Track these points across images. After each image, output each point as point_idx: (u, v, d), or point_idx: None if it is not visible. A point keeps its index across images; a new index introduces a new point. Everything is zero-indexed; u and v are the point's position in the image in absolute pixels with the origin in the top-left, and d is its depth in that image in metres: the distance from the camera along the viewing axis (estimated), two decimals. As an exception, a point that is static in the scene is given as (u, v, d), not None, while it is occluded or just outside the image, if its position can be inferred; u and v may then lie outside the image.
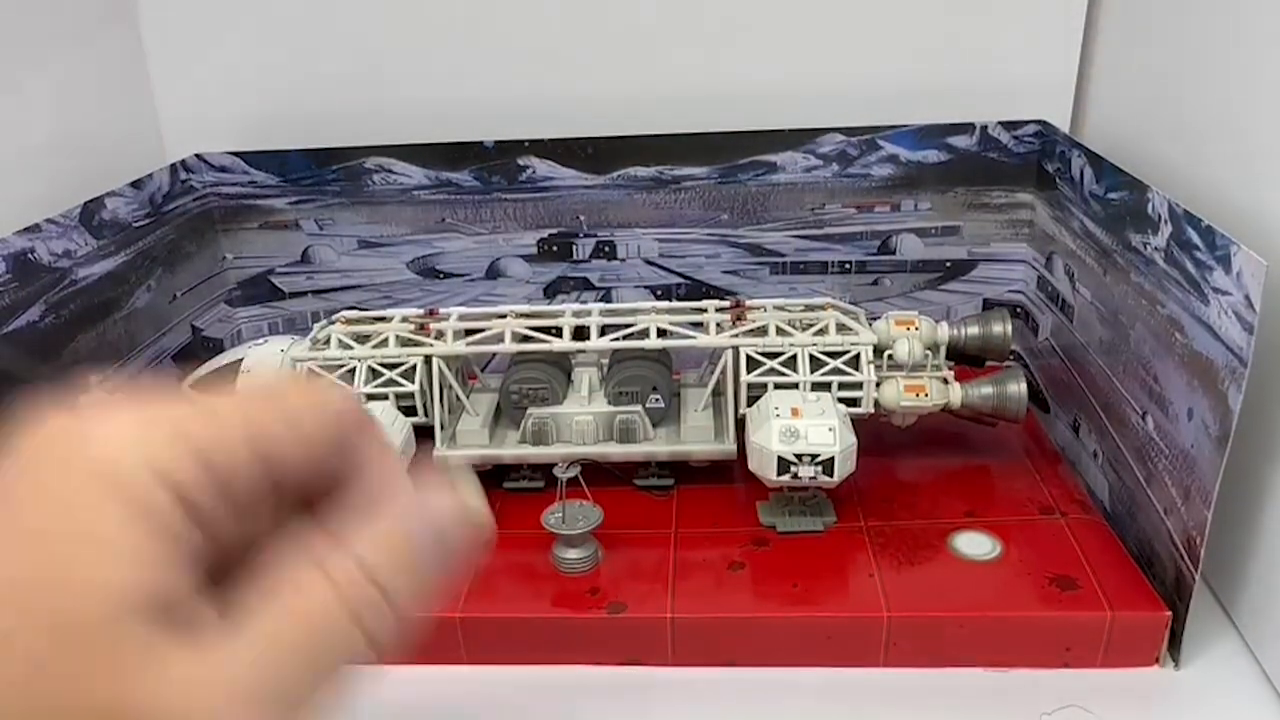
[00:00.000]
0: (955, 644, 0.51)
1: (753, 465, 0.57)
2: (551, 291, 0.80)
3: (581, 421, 0.62)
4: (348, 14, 0.76)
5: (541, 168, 0.76)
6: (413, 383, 0.61)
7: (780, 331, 0.61)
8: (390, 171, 0.77)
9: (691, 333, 0.61)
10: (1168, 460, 0.52)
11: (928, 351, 0.61)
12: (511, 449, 0.63)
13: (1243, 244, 0.45)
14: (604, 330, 0.62)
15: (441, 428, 0.62)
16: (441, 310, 0.65)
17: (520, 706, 0.51)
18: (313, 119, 0.78)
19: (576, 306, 0.64)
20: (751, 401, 0.59)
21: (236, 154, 0.77)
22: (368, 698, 0.53)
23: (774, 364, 0.60)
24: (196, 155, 0.77)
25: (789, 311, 0.63)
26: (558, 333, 0.62)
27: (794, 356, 0.60)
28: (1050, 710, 0.48)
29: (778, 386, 0.59)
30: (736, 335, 0.61)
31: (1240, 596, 0.53)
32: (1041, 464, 0.65)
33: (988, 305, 0.78)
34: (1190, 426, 0.49)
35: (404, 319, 0.65)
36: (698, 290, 0.79)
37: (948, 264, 0.78)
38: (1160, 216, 0.53)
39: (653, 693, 0.51)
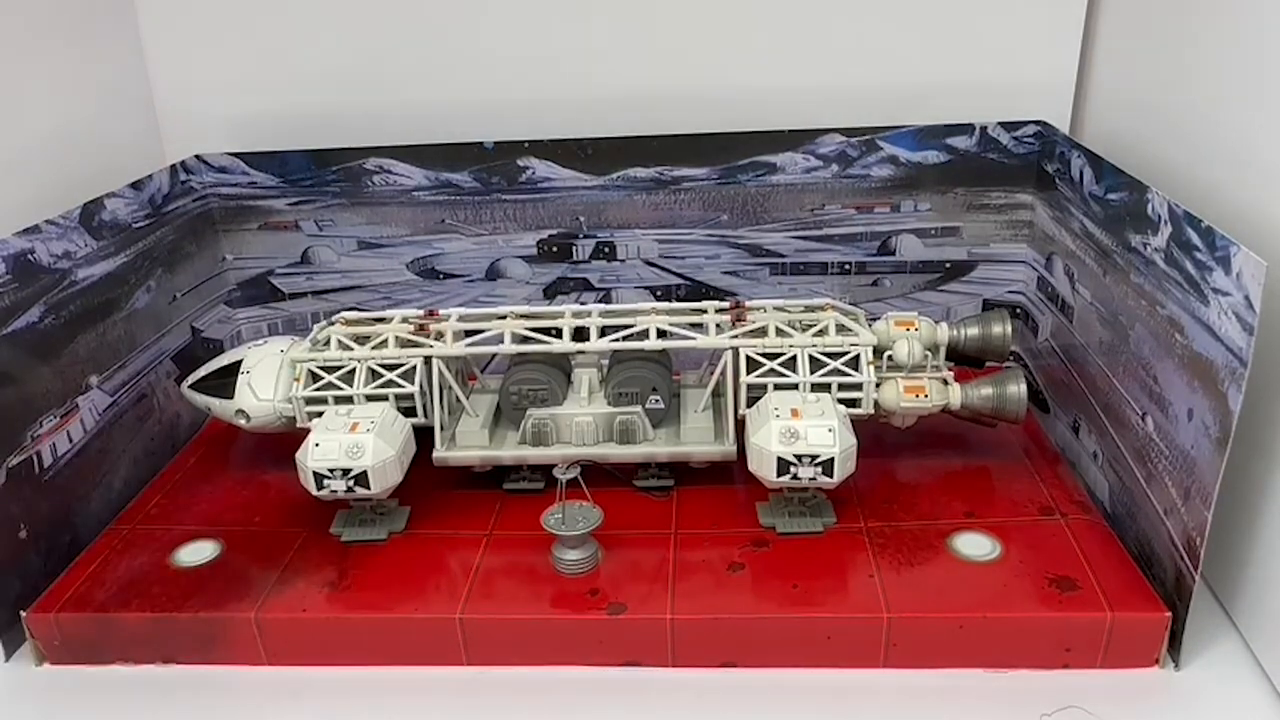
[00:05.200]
0: (955, 645, 0.51)
1: (752, 466, 0.57)
2: (551, 292, 0.80)
3: (581, 422, 0.62)
4: (348, 15, 0.76)
5: (541, 169, 0.76)
6: (412, 384, 0.61)
7: (780, 332, 0.61)
8: (390, 172, 0.77)
9: (691, 334, 0.61)
10: (1168, 461, 0.52)
11: (927, 352, 0.61)
12: (511, 450, 0.63)
13: (1242, 245, 0.45)
14: (604, 331, 0.62)
15: (441, 429, 0.62)
16: (441, 311, 0.65)
17: (520, 707, 0.51)
18: (313, 119, 0.78)
19: (576, 307, 0.64)
20: (751, 402, 0.59)
21: (236, 155, 0.77)
22: (369, 699, 0.53)
23: (774, 365, 0.59)
24: (196, 156, 0.77)
25: (789, 312, 0.63)
26: (557, 334, 0.62)
27: (794, 357, 0.60)
28: (1050, 711, 0.48)
29: (777, 387, 0.59)
30: (736, 336, 0.61)
31: (1240, 596, 0.53)
32: (1041, 465, 0.65)
33: (987, 306, 0.78)
34: (1190, 427, 0.49)
35: (404, 320, 0.65)
36: (697, 291, 0.79)
37: (947, 265, 0.78)
38: (1160, 217, 0.53)
39: (652, 694, 0.51)
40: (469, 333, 0.63)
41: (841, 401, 0.59)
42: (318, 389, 0.61)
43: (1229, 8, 0.56)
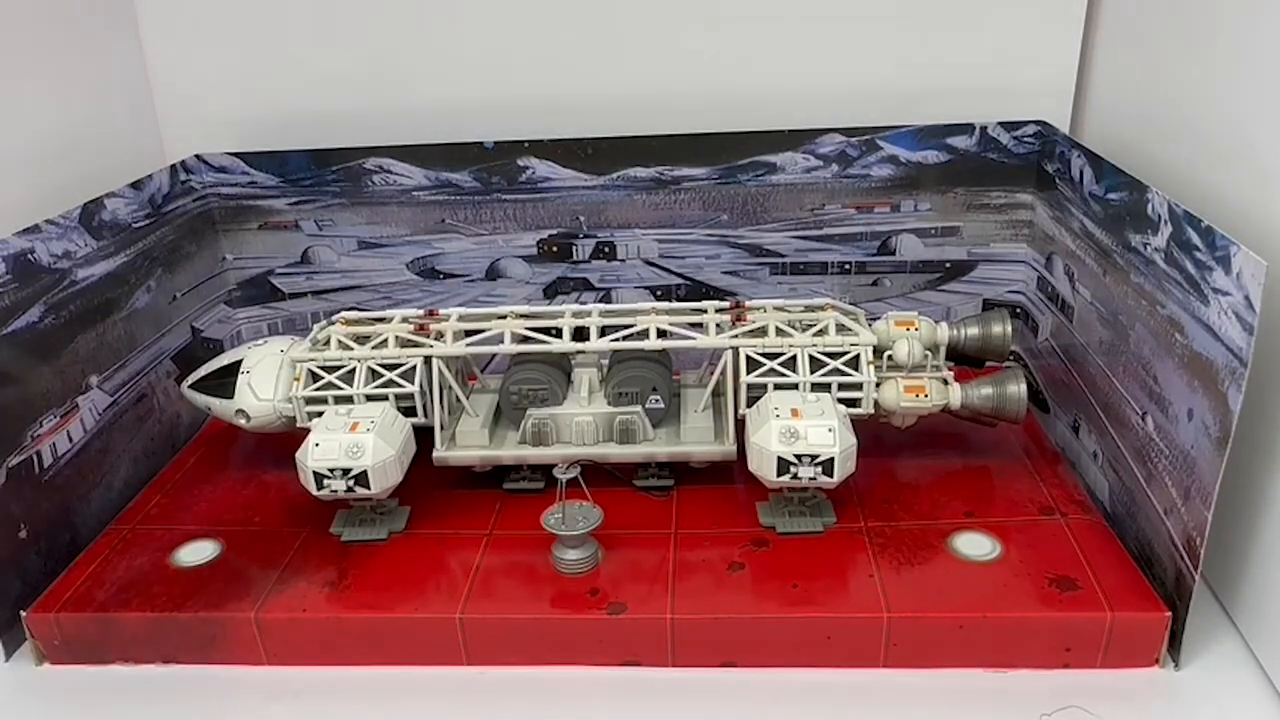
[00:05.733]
0: (955, 644, 0.51)
1: (752, 466, 0.57)
2: (551, 292, 0.80)
3: (581, 422, 0.62)
4: (348, 15, 0.76)
5: (541, 168, 0.76)
6: (413, 383, 0.61)
7: (780, 332, 0.61)
8: (390, 172, 0.77)
9: (691, 333, 0.61)
10: (1168, 461, 0.52)
11: (927, 352, 0.61)
12: (511, 450, 0.63)
13: (1242, 244, 0.45)
14: (604, 331, 0.62)
15: (441, 428, 0.62)
16: (441, 311, 0.65)
17: (520, 707, 0.51)
18: (313, 119, 0.78)
19: (576, 307, 0.64)
20: (751, 402, 0.59)
21: (236, 154, 0.77)
22: (369, 699, 0.53)
23: (774, 365, 0.59)
24: (196, 156, 0.77)
25: (789, 312, 0.63)
26: (557, 333, 0.62)
27: (794, 357, 0.60)
28: (1050, 710, 0.48)
29: (777, 387, 0.59)
30: (736, 336, 0.61)
31: (1240, 596, 0.53)
32: (1041, 464, 0.65)
33: (987, 306, 0.78)
34: (1190, 427, 0.49)
35: (404, 320, 0.65)
36: (697, 291, 0.79)
37: (947, 264, 0.78)
38: (1160, 217, 0.53)
39: (652, 694, 0.51)
40: (469, 332, 0.63)
41: (841, 401, 0.59)
42: (318, 389, 0.61)
43: (1228, 9, 0.56)
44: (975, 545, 0.56)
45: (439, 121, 0.77)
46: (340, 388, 0.61)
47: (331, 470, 0.56)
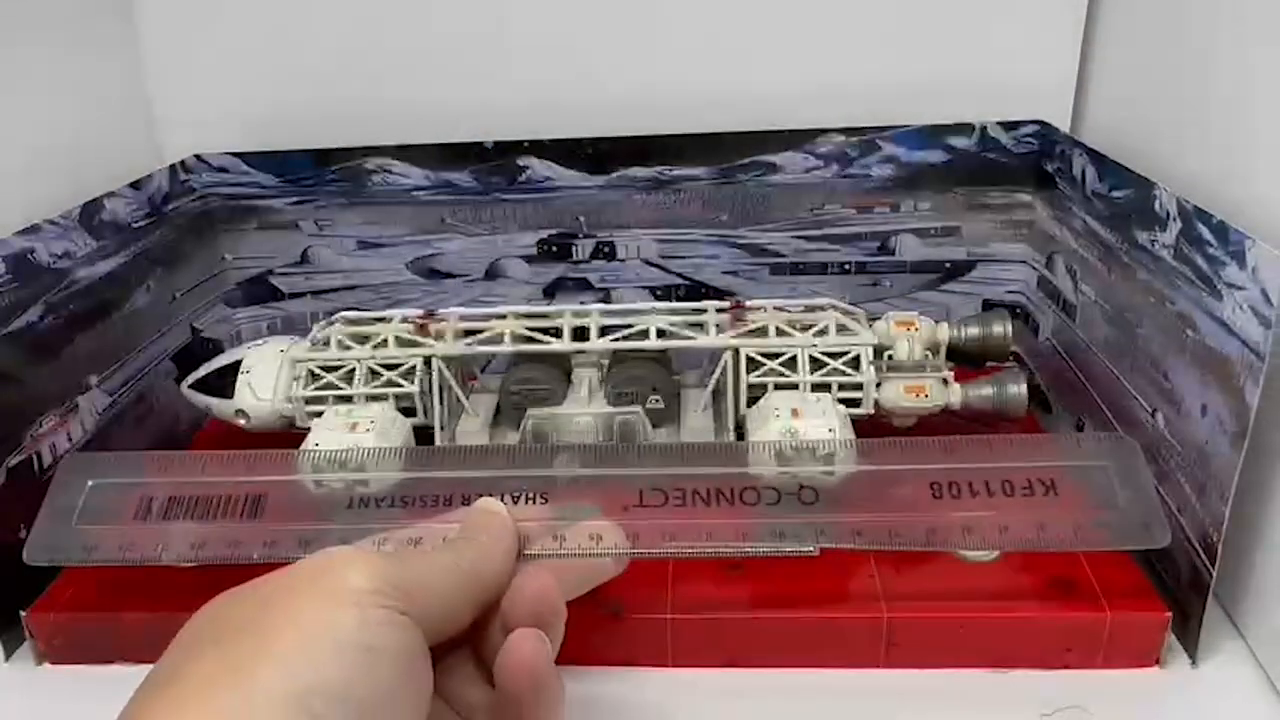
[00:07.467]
0: (955, 644, 0.51)
1: (753, 466, 0.57)
2: (551, 292, 0.80)
3: (581, 422, 0.62)
4: (347, 14, 0.76)
5: (541, 168, 0.76)
6: (412, 383, 0.61)
7: (780, 332, 0.61)
8: (390, 172, 0.77)
9: (691, 333, 0.61)
10: (1180, 458, 0.52)
11: (927, 352, 0.61)
12: (511, 450, 0.63)
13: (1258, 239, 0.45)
14: (604, 331, 0.62)
15: (441, 429, 0.62)
16: (441, 311, 0.65)
17: (520, 707, 0.51)
18: (313, 119, 0.78)
19: (576, 307, 0.64)
20: (752, 402, 0.59)
21: (236, 154, 0.77)
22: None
23: (774, 365, 0.59)
24: (196, 156, 0.77)
25: (789, 312, 0.63)
26: (557, 333, 0.62)
27: (794, 357, 0.60)
28: (1050, 711, 0.48)
29: (778, 387, 0.59)
30: (736, 336, 0.61)
31: (1243, 599, 0.53)
32: (1042, 464, 0.65)
33: (987, 306, 0.78)
34: (1204, 423, 0.49)
35: (403, 319, 0.64)
36: (697, 291, 0.79)
37: (947, 265, 0.78)
38: (1169, 214, 0.53)
39: (651, 694, 0.51)
40: (469, 332, 0.63)
41: (842, 401, 0.59)
42: (318, 389, 0.61)
43: (1230, 8, 0.56)
44: (975, 545, 0.56)
45: (439, 121, 0.77)
46: (340, 388, 0.61)
47: (331, 470, 0.56)
